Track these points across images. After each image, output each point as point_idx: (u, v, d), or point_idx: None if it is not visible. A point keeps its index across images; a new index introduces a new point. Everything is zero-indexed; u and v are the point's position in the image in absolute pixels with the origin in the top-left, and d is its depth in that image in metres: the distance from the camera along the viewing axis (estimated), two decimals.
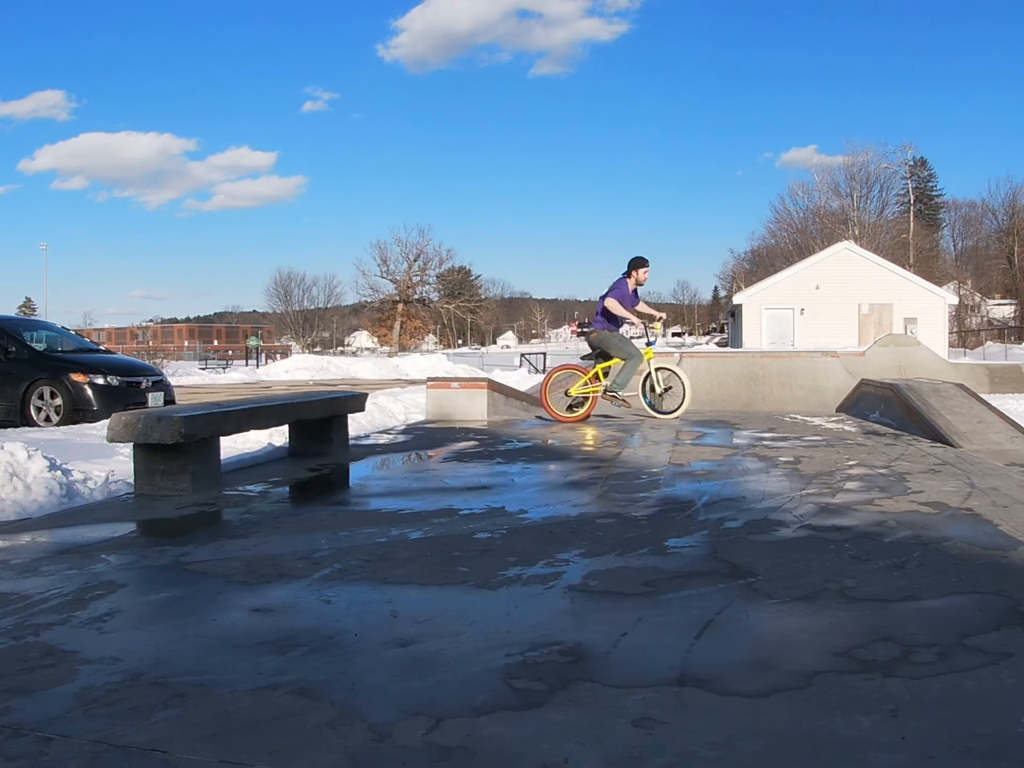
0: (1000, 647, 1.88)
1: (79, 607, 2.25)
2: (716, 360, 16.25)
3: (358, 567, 2.65)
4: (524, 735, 1.48)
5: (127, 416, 3.91)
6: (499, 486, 4.19)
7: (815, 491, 3.91)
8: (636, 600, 2.27)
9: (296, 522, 3.41)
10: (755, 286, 32.78)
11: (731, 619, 2.11)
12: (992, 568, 2.57)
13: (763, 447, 5.68)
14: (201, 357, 38.38)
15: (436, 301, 57.54)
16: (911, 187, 57.86)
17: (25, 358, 9.13)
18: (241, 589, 2.45)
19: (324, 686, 1.70)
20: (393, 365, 28.56)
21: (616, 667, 1.80)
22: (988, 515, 3.32)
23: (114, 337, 61.04)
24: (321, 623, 2.12)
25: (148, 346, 43.66)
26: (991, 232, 56.42)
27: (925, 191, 62.72)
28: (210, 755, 1.42)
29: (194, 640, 2.05)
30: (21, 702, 1.64)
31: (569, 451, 5.60)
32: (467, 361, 31.06)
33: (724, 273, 72.32)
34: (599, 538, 3.01)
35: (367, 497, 4.11)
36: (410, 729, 1.51)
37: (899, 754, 1.41)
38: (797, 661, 1.82)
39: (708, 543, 2.92)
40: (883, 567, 2.58)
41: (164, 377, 10.46)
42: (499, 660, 1.84)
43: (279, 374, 26.45)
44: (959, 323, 45.40)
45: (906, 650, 1.87)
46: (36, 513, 3.59)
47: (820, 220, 52.14)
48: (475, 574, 2.54)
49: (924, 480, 4.21)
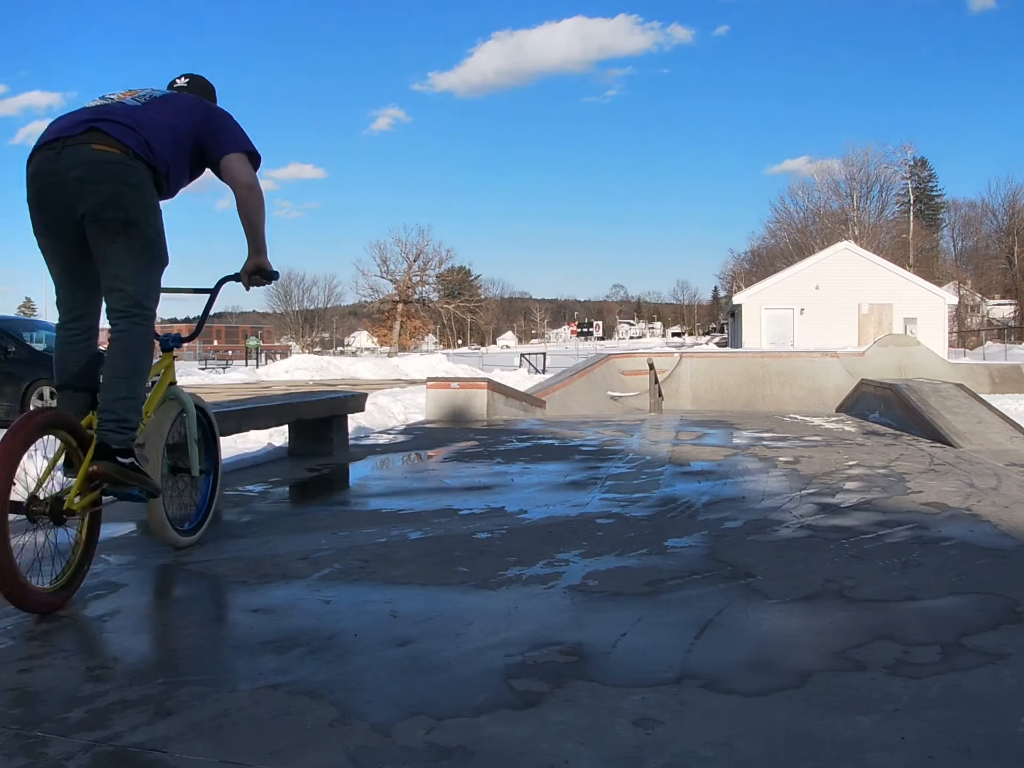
0: (1000, 647, 1.88)
1: (79, 607, 2.25)
2: (716, 360, 16.26)
3: (358, 567, 2.65)
4: (524, 735, 1.48)
5: None
6: (499, 486, 4.19)
7: (815, 491, 3.91)
8: (636, 600, 2.27)
9: (296, 522, 3.41)
10: (755, 286, 32.80)
11: (731, 619, 2.11)
12: (992, 568, 2.57)
13: (763, 447, 5.68)
14: (201, 357, 38.37)
15: (436, 301, 57.55)
16: (911, 187, 57.87)
17: (25, 358, 9.14)
18: (241, 589, 2.45)
19: (324, 686, 1.70)
20: (393, 365, 28.55)
21: (616, 667, 1.80)
22: (988, 515, 3.32)
23: None
24: (321, 623, 2.12)
25: None
26: (991, 232, 56.42)
27: (925, 191, 62.74)
28: (210, 755, 1.42)
29: (194, 640, 2.04)
30: (21, 702, 1.64)
31: (569, 451, 5.60)
32: (467, 361, 31.05)
33: (724, 273, 72.41)
34: (599, 538, 3.01)
35: (367, 497, 4.11)
36: (410, 729, 1.51)
37: (899, 754, 1.41)
38: (797, 661, 1.83)
39: (708, 543, 2.92)
40: (883, 567, 2.58)
41: None
42: (499, 660, 1.84)
43: (279, 374, 26.43)
44: (959, 323, 45.43)
45: (906, 650, 1.87)
46: None
47: (820, 220, 52.16)
48: (475, 574, 2.54)
49: (924, 480, 4.21)
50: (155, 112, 2.47)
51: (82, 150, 2.29)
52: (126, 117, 2.39)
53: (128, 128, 2.36)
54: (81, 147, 2.30)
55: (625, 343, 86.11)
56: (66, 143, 2.30)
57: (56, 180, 2.30)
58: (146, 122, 2.41)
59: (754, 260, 61.56)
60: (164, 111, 2.50)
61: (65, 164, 2.29)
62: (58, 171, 2.30)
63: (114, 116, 2.37)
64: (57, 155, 2.30)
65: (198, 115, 2.57)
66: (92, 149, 2.30)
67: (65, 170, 2.29)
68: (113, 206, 2.30)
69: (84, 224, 2.31)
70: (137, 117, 2.41)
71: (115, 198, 2.30)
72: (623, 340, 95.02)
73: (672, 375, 15.01)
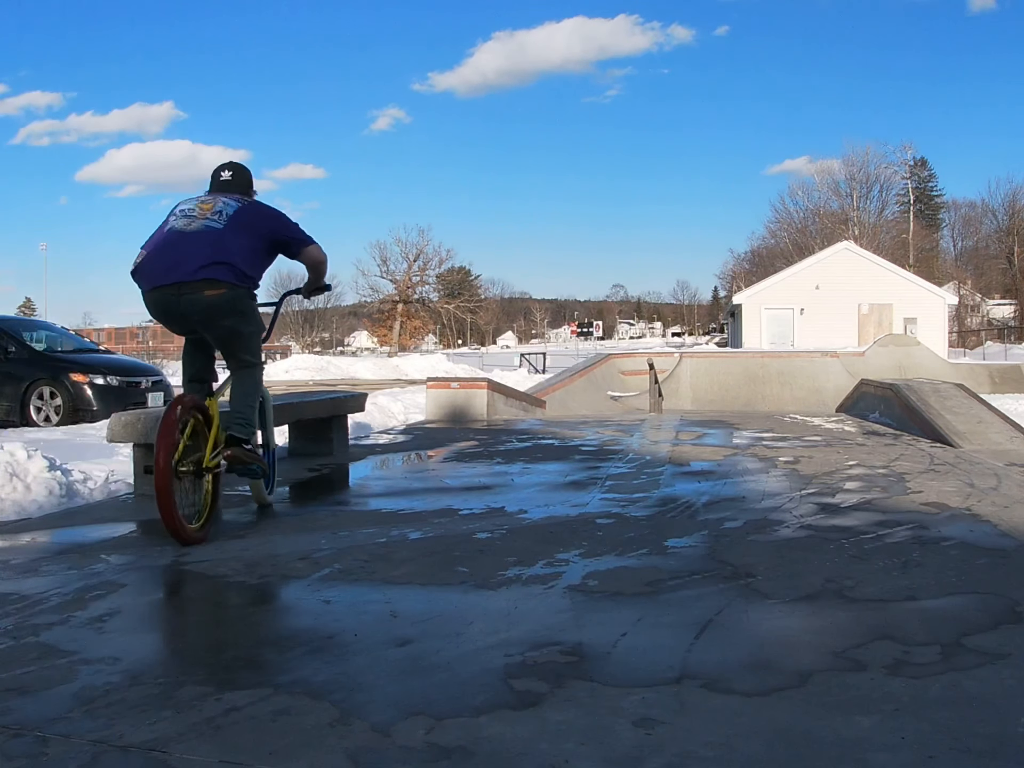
0: (1000, 647, 1.88)
1: (79, 607, 2.25)
2: (716, 360, 16.26)
3: (358, 567, 2.65)
4: (524, 735, 1.48)
5: (127, 416, 3.91)
6: (499, 486, 4.19)
7: (815, 491, 3.91)
8: (636, 600, 2.27)
9: (296, 522, 3.41)
10: (755, 286, 32.77)
11: (731, 619, 2.11)
12: (992, 568, 2.57)
13: (763, 447, 5.68)
14: None
15: (436, 301, 57.51)
16: (911, 187, 57.84)
17: (25, 358, 9.12)
18: (241, 589, 2.45)
19: (324, 686, 1.70)
20: (393, 365, 28.55)
21: (616, 667, 1.80)
22: (988, 515, 3.32)
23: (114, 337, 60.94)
24: (321, 623, 2.12)
25: (148, 346, 43.71)
26: (991, 232, 56.39)
27: (925, 191, 62.68)
28: (210, 755, 1.42)
29: (194, 640, 2.05)
30: (21, 702, 1.64)
31: (569, 451, 5.60)
32: (467, 361, 31.03)
33: (724, 273, 72.24)
34: (599, 538, 3.01)
35: (367, 497, 4.11)
36: (410, 729, 1.51)
37: (899, 754, 1.41)
38: (797, 661, 1.83)
39: (708, 543, 2.92)
40: (883, 567, 2.58)
41: (164, 377, 10.45)
42: (499, 660, 1.84)
43: (279, 374, 26.41)
44: (959, 323, 45.40)
45: (906, 650, 1.87)
46: (36, 513, 3.59)
47: (820, 220, 52.15)
48: (475, 574, 2.54)
49: (924, 480, 4.21)
50: (237, 235, 3.13)
51: (198, 299, 3.02)
52: (223, 253, 3.06)
53: (228, 266, 3.05)
54: (197, 296, 3.02)
55: (625, 343, 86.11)
56: (182, 291, 3.02)
57: (178, 314, 3.10)
58: (235, 250, 3.09)
59: (754, 260, 61.53)
60: (243, 232, 3.16)
61: (187, 310, 3.06)
62: (182, 312, 3.07)
63: (216, 256, 3.04)
64: (178, 300, 3.04)
65: (269, 230, 3.28)
66: (206, 296, 3.02)
67: (188, 313, 3.07)
68: (228, 332, 3.17)
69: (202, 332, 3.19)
70: (229, 248, 3.09)
71: (229, 327, 3.15)
72: (623, 340, 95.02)
73: (672, 375, 15.02)
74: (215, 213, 3.15)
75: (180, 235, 3.10)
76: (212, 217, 3.13)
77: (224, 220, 3.14)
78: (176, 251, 3.06)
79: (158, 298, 3.08)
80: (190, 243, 3.06)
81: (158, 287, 3.05)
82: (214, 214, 3.15)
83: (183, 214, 3.17)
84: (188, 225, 3.11)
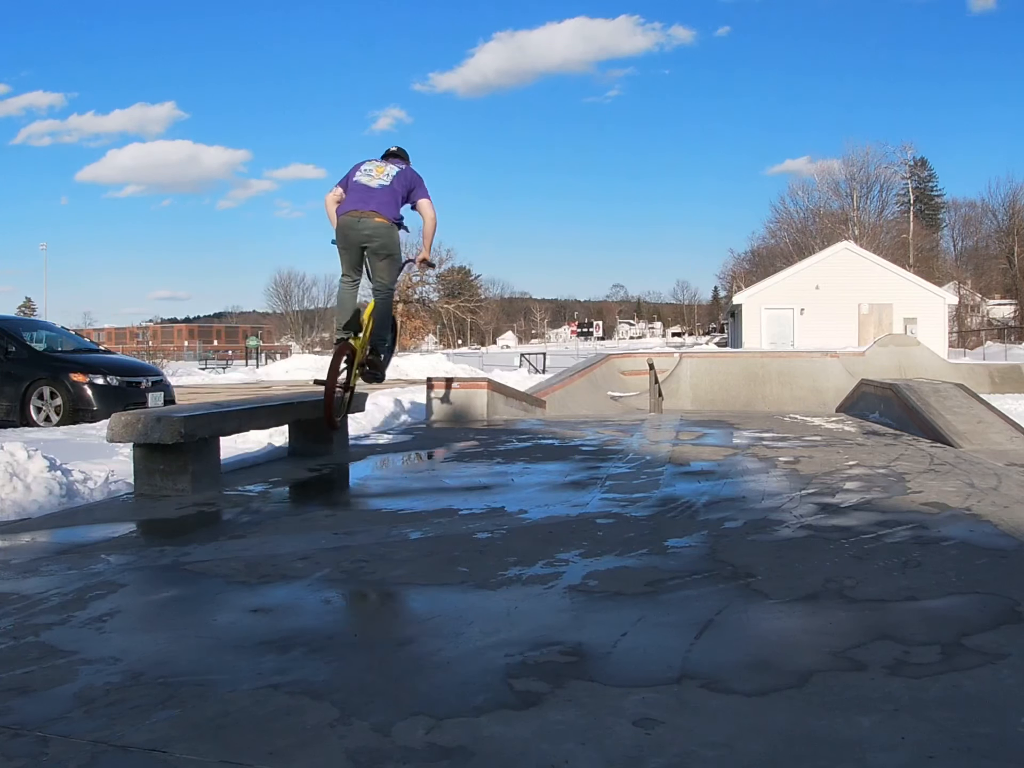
0: (1000, 647, 1.88)
1: (79, 607, 2.25)
2: (716, 360, 16.27)
3: (358, 567, 2.65)
4: (524, 735, 1.49)
5: (127, 416, 3.91)
6: (499, 486, 4.19)
7: (815, 491, 3.91)
8: (636, 600, 2.27)
9: (296, 522, 3.41)
10: (755, 286, 32.77)
11: (731, 619, 2.11)
12: (992, 568, 2.57)
13: (763, 447, 5.68)
14: (201, 357, 38.40)
15: (436, 301, 57.51)
16: (911, 187, 57.85)
17: (25, 358, 9.12)
18: (241, 589, 2.45)
19: (324, 686, 1.70)
20: (393, 365, 28.53)
21: (616, 667, 1.80)
22: (988, 515, 3.32)
23: (114, 337, 60.95)
24: (321, 623, 2.12)
25: (148, 346, 43.72)
26: (991, 232, 56.38)
27: (925, 191, 62.67)
28: (210, 755, 1.42)
29: (194, 640, 2.05)
30: (21, 702, 1.64)
31: (569, 451, 5.60)
32: (467, 361, 31.01)
33: (724, 273, 72.14)
34: (599, 538, 3.01)
35: (367, 497, 4.11)
36: (410, 729, 1.51)
37: (899, 754, 1.41)
38: (797, 661, 1.83)
39: (708, 543, 2.92)
40: (883, 567, 2.58)
41: (164, 377, 10.46)
42: (499, 660, 1.84)
43: (279, 374, 26.41)
44: (959, 323, 45.42)
45: (906, 650, 1.87)
46: (36, 513, 3.59)
47: (820, 220, 52.13)
48: (475, 574, 2.54)
49: (924, 480, 4.21)
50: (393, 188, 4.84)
51: (368, 221, 4.74)
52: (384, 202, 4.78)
53: (387, 205, 4.79)
54: (367, 218, 4.74)
55: (625, 343, 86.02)
56: (362, 215, 4.73)
57: (354, 231, 4.76)
58: (390, 200, 4.80)
59: (754, 260, 61.50)
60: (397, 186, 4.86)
61: (362, 227, 4.74)
62: (358, 229, 4.75)
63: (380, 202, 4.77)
64: (358, 221, 4.74)
65: (410, 183, 4.96)
66: (375, 221, 4.74)
67: (362, 229, 4.74)
68: (384, 248, 4.80)
69: (365, 251, 4.82)
70: (387, 199, 4.80)
71: (385, 245, 4.79)
72: (623, 340, 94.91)
73: (672, 375, 15.02)
74: (386, 177, 4.89)
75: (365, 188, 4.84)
76: (382, 180, 4.87)
77: (389, 179, 4.88)
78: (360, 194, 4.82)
79: (344, 223, 4.76)
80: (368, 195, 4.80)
81: (345, 213, 4.76)
82: (385, 178, 4.88)
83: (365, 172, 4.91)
84: (369, 181, 4.86)
